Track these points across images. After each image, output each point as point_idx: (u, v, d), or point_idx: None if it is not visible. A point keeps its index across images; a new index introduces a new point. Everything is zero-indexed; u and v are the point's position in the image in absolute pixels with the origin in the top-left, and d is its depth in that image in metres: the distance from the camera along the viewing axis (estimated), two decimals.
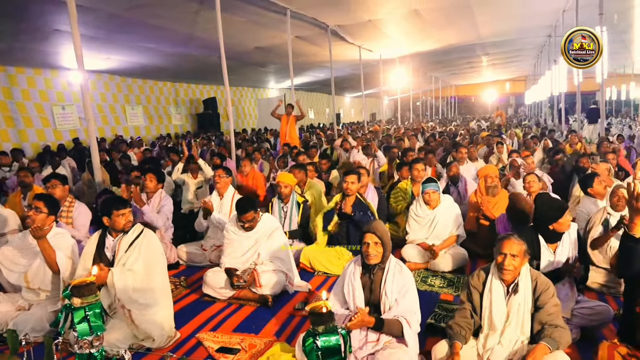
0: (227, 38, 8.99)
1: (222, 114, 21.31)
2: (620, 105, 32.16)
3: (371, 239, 3.13)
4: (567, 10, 13.20)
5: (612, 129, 17.93)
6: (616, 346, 2.73)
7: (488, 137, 11.40)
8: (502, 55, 23.22)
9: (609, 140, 10.21)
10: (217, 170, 5.77)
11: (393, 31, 14.56)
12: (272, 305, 4.32)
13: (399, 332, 2.99)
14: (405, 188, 6.30)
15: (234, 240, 4.56)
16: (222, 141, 15.19)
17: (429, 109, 36.63)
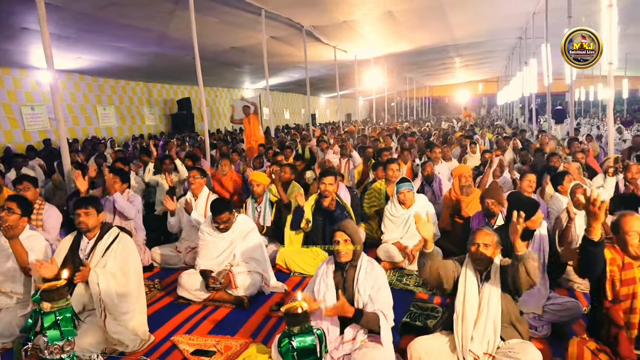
0: (202, 38, 8.92)
1: (197, 114, 21.11)
2: (589, 106, 32.94)
3: (341, 237, 3.17)
4: (537, 13, 13.49)
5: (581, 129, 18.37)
6: (586, 341, 2.79)
7: (461, 137, 11.55)
8: (474, 56, 23.59)
9: (578, 140, 10.45)
10: (192, 171, 5.72)
11: (368, 32, 14.65)
12: (248, 307, 4.31)
13: (376, 326, 3.01)
14: (380, 188, 6.34)
15: (209, 242, 4.52)
16: (197, 142, 15.05)
17: (404, 110, 36.93)
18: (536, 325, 3.64)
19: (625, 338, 2.69)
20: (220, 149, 10.71)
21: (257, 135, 11.70)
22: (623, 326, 2.70)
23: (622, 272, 2.74)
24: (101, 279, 3.42)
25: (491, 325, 2.98)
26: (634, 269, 2.73)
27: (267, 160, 9.09)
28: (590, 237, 2.67)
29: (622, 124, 19.07)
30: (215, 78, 20.38)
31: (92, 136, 15.82)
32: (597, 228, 2.64)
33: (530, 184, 5.38)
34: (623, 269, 2.75)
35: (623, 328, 2.70)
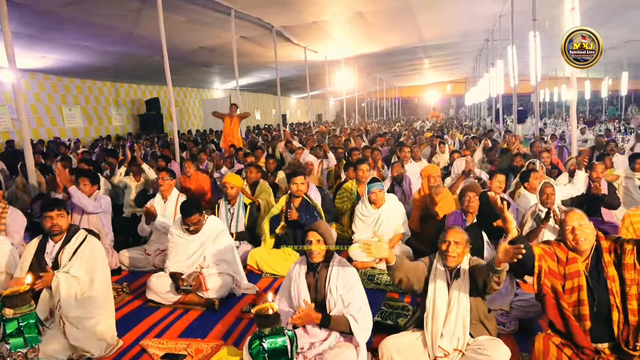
0: (170, 37, 8.81)
1: (166, 114, 20.82)
2: (553, 107, 33.82)
3: (313, 237, 3.17)
4: (503, 15, 13.78)
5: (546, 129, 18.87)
6: (551, 336, 2.86)
7: (431, 138, 11.70)
8: (443, 57, 23.93)
9: (544, 140, 10.72)
10: (161, 172, 5.64)
11: (338, 33, 14.71)
12: (219, 309, 4.26)
13: (346, 329, 3.03)
14: (351, 188, 6.37)
15: (179, 244, 4.47)
16: (166, 143, 14.85)
17: (374, 110, 37.20)
18: (504, 321, 3.72)
19: (579, 329, 2.77)
20: (190, 150, 10.58)
21: (236, 135, 11.61)
22: (571, 318, 2.78)
23: (567, 266, 2.84)
24: (63, 284, 3.34)
25: (460, 322, 3.03)
26: (578, 263, 2.82)
27: (237, 161, 9.03)
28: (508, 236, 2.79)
29: (585, 124, 19.65)
30: (185, 78, 20.15)
31: (55, 137, 15.42)
32: (510, 228, 2.75)
33: (500, 185, 5.48)
34: (567, 263, 2.84)
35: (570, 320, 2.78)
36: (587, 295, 2.77)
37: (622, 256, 2.75)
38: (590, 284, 2.77)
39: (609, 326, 2.74)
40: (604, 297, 2.75)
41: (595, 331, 2.77)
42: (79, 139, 16.09)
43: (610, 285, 2.75)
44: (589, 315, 2.77)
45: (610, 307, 2.74)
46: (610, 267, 2.78)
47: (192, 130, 21.90)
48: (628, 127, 18.74)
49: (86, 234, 3.65)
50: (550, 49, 16.61)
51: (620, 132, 17.10)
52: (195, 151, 10.14)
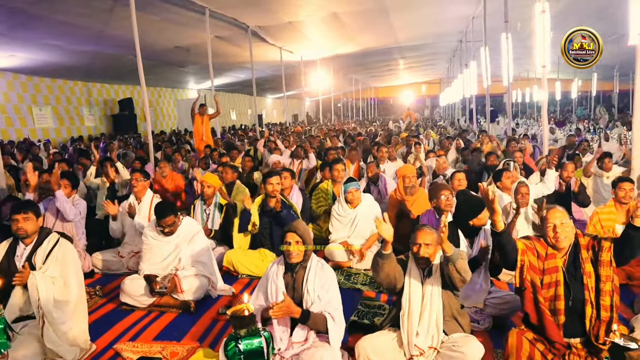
0: (143, 36, 8.68)
1: (140, 115, 20.53)
2: (525, 107, 34.44)
3: (292, 238, 3.16)
4: (476, 17, 13.97)
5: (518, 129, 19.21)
6: (524, 332, 2.92)
7: (407, 138, 11.79)
8: (418, 58, 24.15)
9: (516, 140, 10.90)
10: (134, 173, 5.55)
11: (313, 33, 14.72)
12: (195, 311, 4.23)
13: (323, 326, 3.04)
14: (327, 188, 6.38)
15: (153, 246, 4.41)
16: (140, 143, 14.65)
17: (350, 110, 37.32)
18: (478, 318, 3.77)
19: (553, 323, 2.83)
20: (165, 151, 10.46)
21: (208, 135, 11.52)
22: (546, 312, 2.85)
23: (545, 261, 2.90)
24: (40, 283, 3.27)
25: (434, 320, 3.08)
26: (556, 259, 2.89)
27: (212, 161, 8.96)
28: (494, 229, 2.89)
29: (555, 124, 20.06)
30: (159, 78, 19.92)
31: (25, 138, 15.07)
32: (497, 220, 2.85)
33: (460, 183, 5.56)
34: (546, 258, 2.91)
35: (545, 314, 2.85)
36: (563, 291, 2.84)
37: (599, 253, 2.83)
38: (567, 279, 2.84)
39: (581, 321, 2.81)
40: (579, 292, 2.82)
41: (568, 326, 2.84)
42: (49, 139, 15.74)
43: (586, 281, 2.82)
44: (564, 310, 2.83)
45: (585, 302, 2.81)
46: (587, 264, 2.85)
47: (167, 131, 21.64)
48: (597, 127, 19.19)
49: (58, 237, 3.58)
50: (522, 50, 16.95)
51: (590, 132, 17.51)
52: (170, 152, 10.03)
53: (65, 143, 16.09)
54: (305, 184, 8.27)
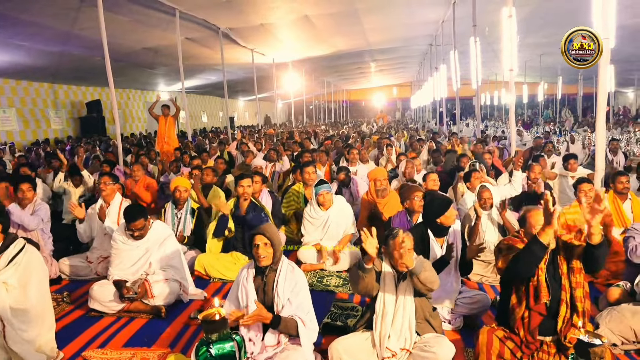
0: (112, 37, 8.55)
1: (108, 117, 20.16)
2: (494, 110, 35.13)
3: (260, 240, 3.13)
4: (445, 21, 14.19)
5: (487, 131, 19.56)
6: (494, 330, 2.97)
7: (379, 140, 11.87)
8: (389, 61, 24.39)
9: (485, 142, 11.11)
10: (103, 177, 5.44)
11: (285, 36, 14.72)
12: (166, 316, 4.17)
13: (295, 331, 3.03)
14: (298, 191, 6.38)
15: (123, 250, 4.33)
16: (109, 146, 14.38)
17: (322, 113, 37.42)
18: (449, 318, 3.82)
19: (534, 321, 2.90)
20: (135, 154, 10.30)
21: (172, 137, 11.37)
22: (529, 310, 2.91)
23: None
24: None
25: (407, 323, 3.10)
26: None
27: (183, 164, 8.86)
28: (590, 242, 2.74)
29: (523, 126, 20.50)
30: (128, 79, 19.62)
31: None
32: (593, 233, 2.69)
33: (435, 183, 5.63)
34: None
35: (527, 312, 2.91)
36: (544, 288, 2.88)
37: (571, 259, 2.89)
38: (547, 279, 2.89)
39: (555, 320, 2.88)
40: (557, 292, 2.88)
41: (544, 324, 2.90)
42: (13, 142, 15.31)
43: (563, 282, 2.88)
44: (544, 308, 2.88)
45: (560, 302, 2.87)
46: (564, 265, 2.91)
47: (136, 134, 21.31)
48: (562, 129, 19.69)
49: (24, 242, 3.48)
50: (490, 54, 17.29)
51: (556, 134, 17.93)
52: (140, 154, 9.87)
53: (29, 146, 15.68)
54: (278, 187, 8.27)
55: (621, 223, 4.95)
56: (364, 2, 11.53)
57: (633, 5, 11.52)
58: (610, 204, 5.11)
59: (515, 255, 2.87)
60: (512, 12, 8.28)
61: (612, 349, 2.91)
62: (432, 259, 3.88)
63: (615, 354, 3.02)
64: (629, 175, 5.47)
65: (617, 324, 3.34)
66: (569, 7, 11.95)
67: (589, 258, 2.81)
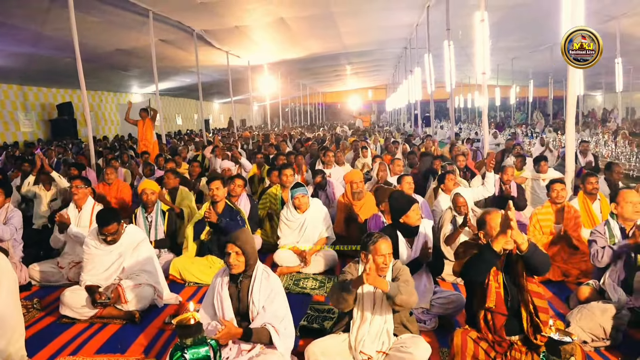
0: (83, 39, 8.40)
1: (80, 120, 19.78)
2: (467, 112, 35.63)
3: (232, 249, 3.11)
4: (419, 24, 14.35)
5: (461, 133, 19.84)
6: (468, 331, 3.02)
7: (355, 142, 11.93)
8: (364, 64, 24.52)
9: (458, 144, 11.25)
10: (74, 180, 5.34)
11: (261, 38, 14.68)
12: (140, 321, 4.10)
13: (268, 340, 3.02)
14: (275, 193, 6.36)
15: (95, 255, 4.25)
16: (81, 149, 14.12)
17: (298, 115, 37.42)
18: (425, 319, 3.86)
19: (497, 322, 2.96)
20: (106, 157, 10.13)
21: (149, 139, 11.24)
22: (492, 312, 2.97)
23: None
24: None
25: (385, 328, 3.12)
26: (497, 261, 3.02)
27: (157, 167, 8.76)
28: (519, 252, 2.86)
29: (496, 128, 20.84)
30: (100, 81, 19.28)
31: None
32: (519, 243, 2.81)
33: (410, 186, 5.69)
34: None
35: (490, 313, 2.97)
36: (503, 291, 2.94)
37: (517, 264, 2.97)
38: (505, 280, 2.95)
39: (519, 320, 2.93)
40: (515, 294, 2.95)
41: (509, 324, 2.96)
42: None
43: (521, 283, 2.94)
44: (505, 309, 2.95)
45: (520, 304, 2.93)
46: (520, 267, 2.96)
47: (109, 136, 20.96)
48: (534, 131, 20.07)
49: None
50: (464, 57, 17.53)
51: (527, 136, 18.27)
52: (111, 157, 9.72)
53: None
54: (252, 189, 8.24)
55: (591, 223, 5.07)
56: (340, 6, 11.58)
57: (600, 11, 11.85)
58: (580, 204, 5.24)
59: (468, 260, 2.97)
60: (484, 16, 8.43)
61: (582, 346, 2.98)
62: (403, 259, 3.92)
63: (586, 351, 3.08)
64: (598, 177, 5.61)
65: (587, 321, 3.42)
66: (539, 13, 12.25)
67: (527, 264, 2.91)
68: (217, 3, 10.38)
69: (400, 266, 3.29)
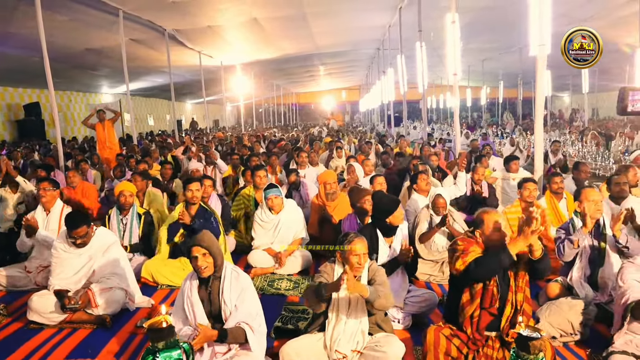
0: (51, 38, 8.22)
1: (48, 120, 19.32)
2: (440, 113, 36.08)
3: (198, 251, 3.07)
4: (392, 26, 14.48)
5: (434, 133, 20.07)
6: (441, 328, 3.06)
7: (330, 142, 11.95)
8: (337, 65, 24.61)
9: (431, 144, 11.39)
10: (42, 182, 5.21)
11: (233, 38, 14.60)
12: (111, 326, 4.03)
13: (243, 339, 3.01)
14: (249, 194, 6.33)
15: (64, 259, 4.16)
16: (49, 150, 13.80)
17: (272, 116, 37.33)
18: (398, 317, 3.89)
19: (484, 319, 3.00)
20: (75, 158, 9.92)
21: (113, 141, 11.03)
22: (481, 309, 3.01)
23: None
24: None
25: (360, 328, 3.14)
26: None
27: (129, 169, 8.61)
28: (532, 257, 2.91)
29: (467, 128, 21.16)
30: (69, 81, 18.87)
31: None
32: (535, 249, 2.87)
33: (382, 186, 5.74)
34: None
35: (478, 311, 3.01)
36: (496, 289, 2.98)
37: (518, 265, 3.00)
38: (498, 281, 2.99)
39: (500, 318, 2.99)
40: (505, 293, 2.99)
41: (491, 322, 3.01)
42: None
43: (511, 282, 2.99)
44: (495, 308, 2.98)
45: (506, 302, 2.98)
46: (512, 269, 3.01)
47: (79, 137, 20.52)
48: (504, 131, 20.44)
49: None
50: (435, 59, 17.75)
51: (498, 136, 18.59)
52: (80, 159, 9.53)
53: None
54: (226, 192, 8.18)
55: (558, 222, 5.19)
56: (313, 6, 11.60)
57: (567, 14, 12.13)
58: (548, 203, 5.37)
59: (479, 259, 2.94)
60: (455, 18, 8.55)
61: (551, 342, 3.05)
62: (381, 259, 3.95)
63: (555, 346, 3.15)
64: (564, 176, 5.75)
65: (555, 317, 3.50)
66: (508, 15, 12.47)
67: (533, 269, 2.98)
68: (189, 2, 10.29)
69: (376, 267, 3.31)
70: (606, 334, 3.44)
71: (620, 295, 3.05)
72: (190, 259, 3.10)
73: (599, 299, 3.80)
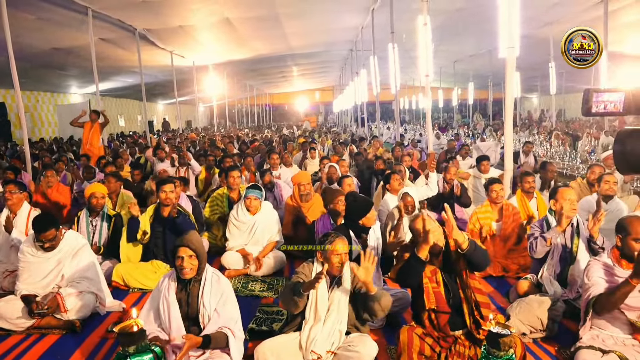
0: (17, 37, 8.02)
1: (14, 121, 18.82)
2: (412, 114, 36.46)
3: (185, 252, 3.02)
4: (365, 27, 14.57)
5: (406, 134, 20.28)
6: (414, 328, 3.09)
7: (304, 143, 11.95)
8: (311, 66, 24.64)
9: (403, 145, 11.50)
10: (8, 185, 5.07)
11: (205, 38, 14.48)
12: (81, 330, 3.95)
13: (224, 344, 2.99)
14: (222, 194, 6.28)
15: (32, 263, 4.06)
16: (16, 152, 13.45)
17: (245, 116, 37.12)
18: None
19: (442, 319, 3.07)
20: (43, 160, 9.69)
21: (95, 143, 10.83)
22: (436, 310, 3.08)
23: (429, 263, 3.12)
24: None
25: (337, 328, 3.14)
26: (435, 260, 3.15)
27: (99, 170, 8.46)
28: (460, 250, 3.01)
29: (439, 129, 21.43)
30: (36, 81, 18.42)
31: None
32: (460, 242, 2.98)
33: (351, 187, 5.77)
34: (431, 261, 3.13)
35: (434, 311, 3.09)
36: (443, 290, 3.05)
37: (457, 262, 3.10)
38: (445, 279, 3.05)
39: (462, 316, 3.04)
40: (455, 291, 3.06)
41: (452, 321, 3.07)
42: None
43: (459, 281, 3.05)
44: (447, 307, 3.05)
45: (461, 300, 3.04)
46: (457, 265, 3.08)
47: (46, 139, 20.03)
48: (475, 132, 20.76)
49: None
50: (408, 60, 17.92)
51: (469, 137, 18.87)
52: (48, 160, 9.30)
53: None
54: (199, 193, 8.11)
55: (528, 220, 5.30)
56: (285, 7, 11.59)
57: (535, 17, 12.42)
58: (519, 202, 5.48)
59: (400, 267, 3.14)
60: (426, 20, 8.65)
61: (521, 338, 3.11)
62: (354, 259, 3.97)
63: (525, 342, 3.22)
64: (535, 175, 5.87)
65: (525, 314, 3.57)
66: (478, 18, 12.71)
67: (468, 262, 3.07)
68: (160, 2, 10.17)
69: (382, 291, 3.32)
70: (574, 329, 3.52)
71: (585, 291, 3.14)
72: (175, 258, 3.04)
73: (567, 296, 3.89)
